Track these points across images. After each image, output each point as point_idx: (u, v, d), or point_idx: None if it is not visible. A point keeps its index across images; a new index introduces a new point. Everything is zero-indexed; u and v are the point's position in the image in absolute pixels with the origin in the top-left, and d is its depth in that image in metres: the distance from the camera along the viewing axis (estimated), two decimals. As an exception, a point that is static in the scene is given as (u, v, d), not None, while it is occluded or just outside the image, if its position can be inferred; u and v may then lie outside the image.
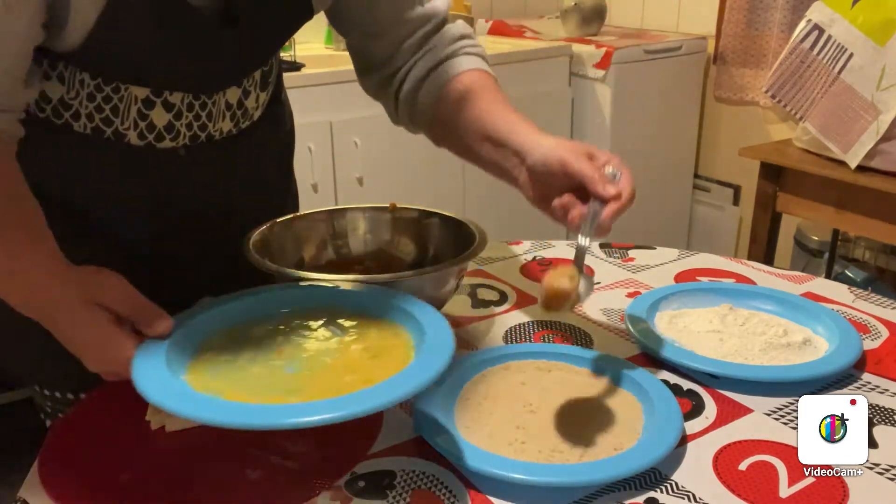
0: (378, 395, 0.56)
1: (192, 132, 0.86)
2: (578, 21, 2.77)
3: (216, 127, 0.88)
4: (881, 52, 1.79)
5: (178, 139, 0.85)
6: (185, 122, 0.85)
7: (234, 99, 0.88)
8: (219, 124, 0.88)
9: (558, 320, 0.91)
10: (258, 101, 0.93)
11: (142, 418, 0.71)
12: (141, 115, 0.82)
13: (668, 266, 1.06)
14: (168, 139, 0.85)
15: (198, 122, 0.86)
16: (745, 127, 2.81)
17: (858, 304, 0.95)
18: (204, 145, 0.88)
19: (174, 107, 0.83)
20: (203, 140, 0.87)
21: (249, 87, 0.90)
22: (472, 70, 0.92)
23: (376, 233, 0.98)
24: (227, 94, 0.87)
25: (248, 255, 0.82)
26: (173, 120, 0.84)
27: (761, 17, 2.66)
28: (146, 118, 0.82)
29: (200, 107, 0.85)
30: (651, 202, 2.84)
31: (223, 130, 0.89)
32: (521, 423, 0.70)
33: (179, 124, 0.84)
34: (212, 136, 0.88)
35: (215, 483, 0.63)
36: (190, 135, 0.86)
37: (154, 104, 0.82)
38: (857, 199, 1.88)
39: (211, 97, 0.86)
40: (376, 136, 2.22)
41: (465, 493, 0.62)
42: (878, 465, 0.65)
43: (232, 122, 0.90)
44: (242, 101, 0.90)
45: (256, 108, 0.93)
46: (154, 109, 0.82)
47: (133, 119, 0.81)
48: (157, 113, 0.82)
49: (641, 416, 0.71)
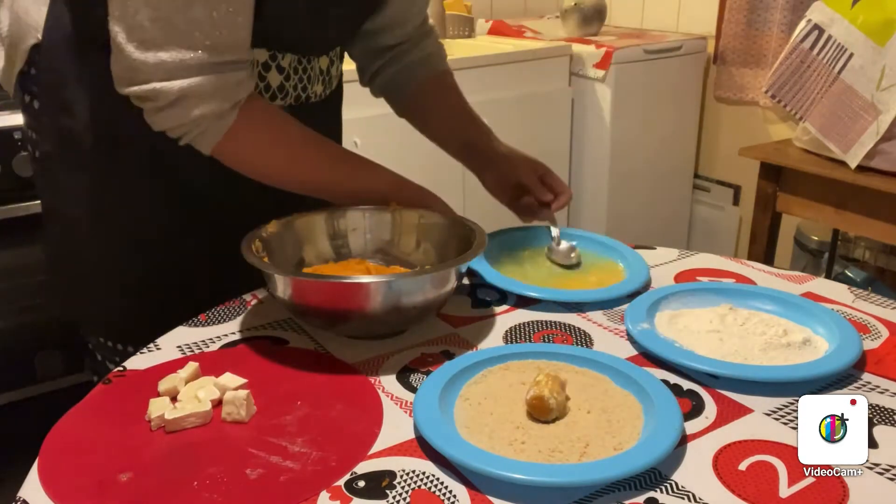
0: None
1: (296, 93, 1.00)
2: (578, 21, 2.77)
3: (313, 89, 1.03)
4: (881, 52, 1.79)
5: (287, 99, 0.99)
6: (292, 84, 0.99)
7: (325, 66, 1.04)
8: (315, 87, 1.03)
9: (558, 320, 0.91)
10: (337, 71, 1.10)
11: (142, 418, 0.71)
12: (260, 77, 0.95)
13: (668, 266, 1.06)
14: (279, 98, 0.98)
15: (301, 84, 1.00)
16: (745, 127, 2.81)
17: (858, 304, 0.95)
18: (302, 106, 1.01)
19: (284, 70, 0.97)
20: (303, 101, 1.01)
21: (334, 57, 1.07)
22: (444, 72, 1.18)
23: (376, 233, 0.98)
24: (320, 62, 1.03)
25: (248, 256, 0.82)
26: (284, 81, 0.97)
27: (761, 17, 2.66)
28: (264, 79, 0.95)
29: (303, 71, 0.99)
30: (651, 202, 2.84)
31: (317, 93, 1.05)
32: (521, 423, 0.70)
33: (289, 85, 0.98)
34: (310, 98, 1.03)
35: (215, 483, 0.63)
36: (295, 95, 1.00)
37: (270, 67, 0.95)
38: (857, 199, 1.88)
39: (311, 62, 1.00)
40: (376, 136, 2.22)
41: (465, 493, 0.62)
42: (878, 465, 0.65)
43: (322, 87, 1.05)
44: (329, 68, 1.06)
45: (336, 76, 1.10)
46: (270, 72, 0.96)
47: (254, 81, 0.90)
48: (272, 75, 0.96)
49: (641, 416, 0.71)
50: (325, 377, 0.79)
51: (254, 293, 0.97)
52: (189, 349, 0.85)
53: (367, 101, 1.12)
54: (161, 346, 0.85)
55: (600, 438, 0.67)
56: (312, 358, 0.83)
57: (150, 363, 0.81)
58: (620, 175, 2.71)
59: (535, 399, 0.70)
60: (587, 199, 2.78)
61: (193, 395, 0.73)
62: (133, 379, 0.79)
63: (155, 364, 0.81)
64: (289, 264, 0.92)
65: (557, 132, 2.68)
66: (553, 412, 0.69)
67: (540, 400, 0.69)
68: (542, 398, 0.69)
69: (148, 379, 0.76)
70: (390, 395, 0.76)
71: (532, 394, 0.70)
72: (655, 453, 0.63)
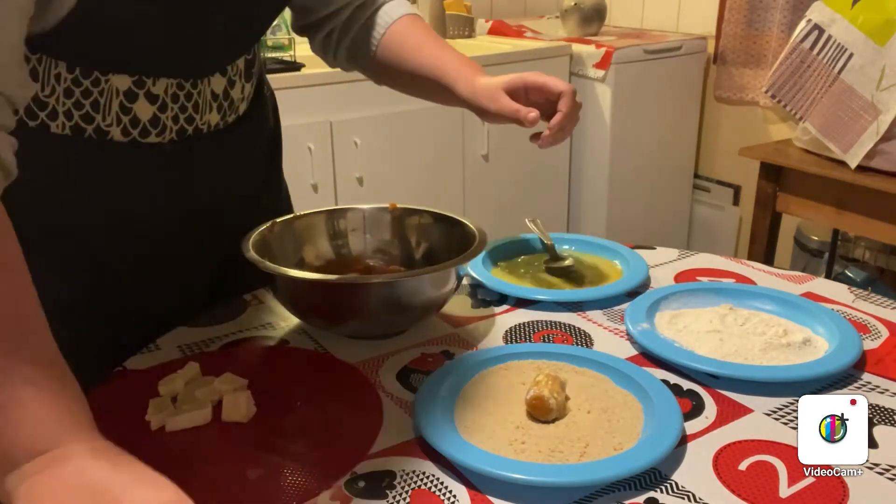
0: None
1: (178, 125, 0.82)
2: (578, 21, 2.77)
3: (203, 120, 0.84)
4: (881, 53, 1.79)
5: (165, 133, 0.82)
6: (171, 115, 0.81)
7: (219, 89, 0.85)
8: (206, 116, 0.84)
9: (558, 320, 0.91)
10: (244, 93, 0.90)
11: (142, 418, 0.71)
12: (123, 109, 0.78)
13: (668, 266, 1.06)
14: (154, 134, 0.81)
15: (184, 114, 0.82)
16: (745, 127, 2.81)
17: (858, 304, 0.95)
18: (191, 140, 0.84)
19: (158, 98, 0.79)
20: (191, 134, 0.84)
21: (234, 77, 0.87)
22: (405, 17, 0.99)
23: (376, 233, 0.98)
24: (213, 84, 0.84)
25: (248, 256, 0.82)
26: (158, 112, 0.80)
27: (761, 17, 2.66)
28: (129, 112, 0.78)
29: (186, 97, 0.81)
30: (651, 202, 2.84)
31: (211, 123, 0.85)
32: (521, 423, 0.70)
33: (165, 117, 0.80)
34: (199, 130, 0.84)
35: (215, 483, 0.63)
36: (177, 128, 0.82)
37: (137, 96, 0.78)
38: (857, 199, 1.88)
39: (196, 86, 0.82)
40: (376, 136, 2.22)
41: (465, 493, 0.62)
42: (878, 465, 0.65)
43: (219, 115, 0.86)
44: (228, 91, 0.86)
45: (242, 99, 0.90)
46: (137, 102, 0.78)
47: (115, 114, 0.77)
48: (141, 105, 0.78)
49: (641, 416, 0.71)
50: (325, 377, 0.78)
51: (254, 293, 0.97)
52: (189, 349, 0.85)
53: (368, 100, 1.08)
54: (161, 346, 0.85)
55: (600, 438, 0.67)
56: (312, 358, 0.83)
57: (150, 363, 0.81)
58: (620, 175, 2.71)
59: (535, 399, 0.70)
60: (587, 199, 2.78)
61: (193, 396, 0.73)
62: (133, 379, 0.79)
63: (155, 364, 0.81)
64: (289, 264, 0.92)
65: (557, 132, 2.67)
66: (553, 412, 0.69)
67: (540, 400, 0.69)
68: (543, 398, 0.69)
69: (148, 379, 0.76)
70: (390, 395, 0.76)
71: (532, 394, 0.70)
72: (655, 453, 0.63)
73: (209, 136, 0.86)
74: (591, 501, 0.61)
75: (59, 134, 0.77)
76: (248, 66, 0.90)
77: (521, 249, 1.09)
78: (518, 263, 1.06)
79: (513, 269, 1.04)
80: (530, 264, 1.06)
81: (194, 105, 0.82)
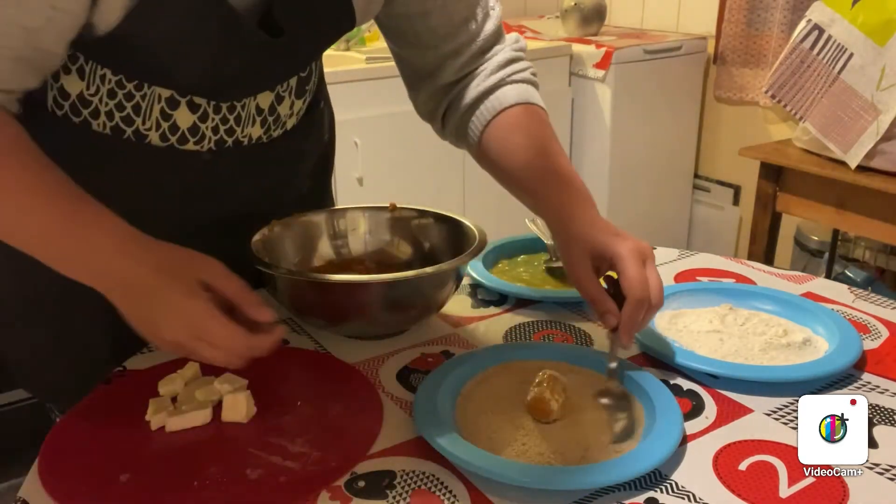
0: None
1: (218, 136, 0.81)
2: (578, 21, 2.77)
3: (245, 132, 0.82)
4: (881, 53, 1.79)
5: (203, 143, 0.80)
6: (211, 125, 0.79)
7: (265, 104, 0.83)
8: (247, 129, 0.82)
9: (558, 320, 0.91)
10: (293, 109, 0.86)
11: (142, 418, 0.71)
12: (164, 116, 0.77)
13: (668, 266, 1.06)
14: (192, 142, 0.80)
15: (225, 125, 0.80)
16: (745, 127, 2.81)
17: (858, 304, 0.95)
18: (230, 150, 0.82)
19: (200, 108, 0.78)
20: (230, 145, 0.82)
21: (283, 93, 0.84)
22: (516, 106, 0.88)
23: (376, 233, 0.98)
24: (259, 99, 0.82)
25: (249, 255, 0.82)
26: (198, 122, 0.79)
27: (761, 17, 2.66)
28: (169, 118, 0.78)
29: (228, 109, 0.80)
30: (651, 202, 2.84)
31: (252, 137, 0.83)
32: (522, 423, 0.70)
33: (205, 126, 0.79)
34: (240, 143, 0.83)
35: (215, 483, 0.63)
36: (216, 139, 0.81)
37: (178, 104, 0.77)
38: (857, 199, 1.88)
39: (240, 100, 0.80)
40: (376, 136, 2.22)
41: (465, 493, 0.62)
42: (878, 465, 0.65)
43: (262, 128, 0.84)
44: (275, 106, 0.84)
45: (290, 115, 0.87)
46: (178, 110, 0.77)
47: (155, 119, 0.77)
48: (182, 114, 0.78)
49: (641, 416, 0.71)
50: (325, 377, 0.78)
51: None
52: (189, 349, 0.84)
53: (368, 100, 1.06)
54: (161, 346, 0.85)
55: (601, 439, 0.67)
56: (312, 358, 0.83)
57: (150, 363, 0.81)
58: (620, 175, 2.71)
59: (536, 401, 0.70)
60: (587, 199, 2.77)
61: (193, 396, 0.73)
62: (133, 379, 0.79)
63: (155, 364, 0.81)
64: (289, 264, 0.92)
65: (557, 132, 2.64)
66: (554, 414, 0.69)
67: (541, 402, 0.69)
68: (544, 400, 0.69)
69: (148, 379, 0.76)
70: (390, 395, 0.76)
71: (533, 395, 0.70)
72: (657, 457, 0.63)
73: (249, 149, 0.84)
74: (592, 501, 0.61)
75: (100, 132, 0.77)
76: (302, 83, 0.87)
77: (521, 249, 1.10)
78: (518, 263, 1.07)
79: (513, 269, 1.04)
80: (530, 264, 1.06)
81: (237, 118, 0.81)
